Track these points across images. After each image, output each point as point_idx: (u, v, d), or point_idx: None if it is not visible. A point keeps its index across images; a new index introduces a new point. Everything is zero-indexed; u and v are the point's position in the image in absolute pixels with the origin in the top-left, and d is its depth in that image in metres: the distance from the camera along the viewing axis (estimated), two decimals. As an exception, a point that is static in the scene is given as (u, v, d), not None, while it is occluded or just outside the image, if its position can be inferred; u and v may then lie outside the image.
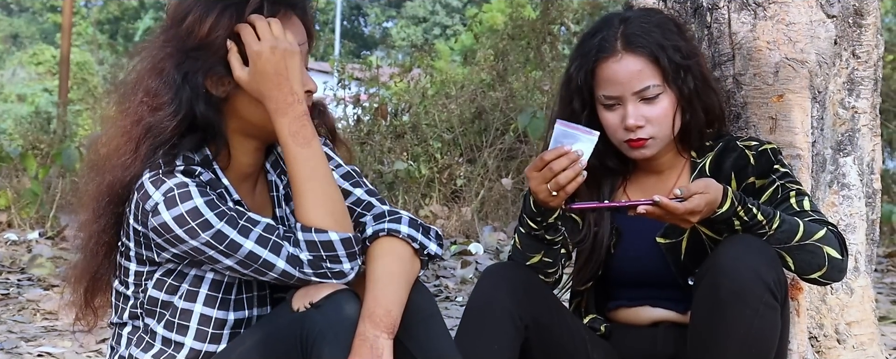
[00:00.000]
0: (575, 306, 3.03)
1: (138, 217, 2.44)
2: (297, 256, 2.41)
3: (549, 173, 2.62)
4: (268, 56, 2.43)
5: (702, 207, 2.60)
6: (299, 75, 2.46)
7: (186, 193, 2.40)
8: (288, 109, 2.44)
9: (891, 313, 5.72)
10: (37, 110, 16.64)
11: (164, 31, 2.52)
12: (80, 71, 25.43)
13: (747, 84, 3.10)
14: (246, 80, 2.45)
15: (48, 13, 37.33)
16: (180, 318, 2.51)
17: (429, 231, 2.59)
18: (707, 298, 2.64)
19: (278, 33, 2.45)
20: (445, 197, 10.00)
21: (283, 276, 2.42)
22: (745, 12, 3.11)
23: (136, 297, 2.55)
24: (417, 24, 38.41)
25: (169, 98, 2.45)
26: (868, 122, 3.31)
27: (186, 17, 2.47)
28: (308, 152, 2.46)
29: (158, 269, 2.52)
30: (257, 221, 2.43)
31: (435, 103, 10.82)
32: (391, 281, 2.48)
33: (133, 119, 2.47)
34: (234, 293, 2.54)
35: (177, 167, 2.45)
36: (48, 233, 8.61)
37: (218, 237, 2.39)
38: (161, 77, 2.46)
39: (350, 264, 2.44)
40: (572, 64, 2.88)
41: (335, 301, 2.40)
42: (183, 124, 2.45)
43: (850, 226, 3.27)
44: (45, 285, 6.42)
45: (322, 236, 2.41)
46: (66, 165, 9.39)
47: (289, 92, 2.44)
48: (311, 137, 2.46)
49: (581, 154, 2.61)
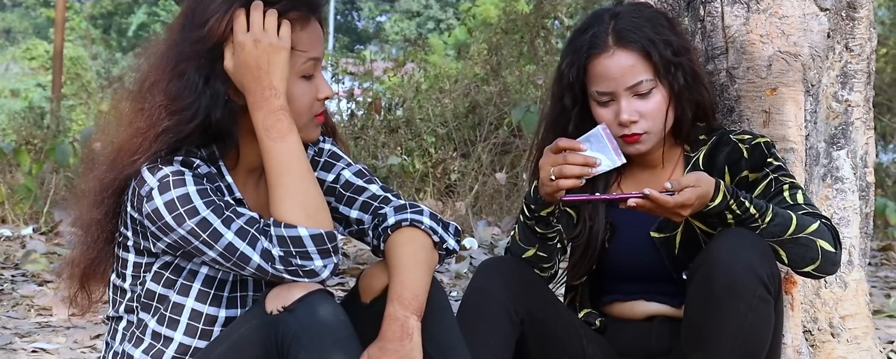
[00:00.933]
0: (570, 301, 3.03)
1: (134, 203, 2.44)
2: (269, 251, 2.39)
3: (562, 160, 2.64)
4: (250, 48, 2.43)
5: (693, 200, 2.60)
6: (282, 71, 2.44)
7: (180, 181, 2.41)
8: (264, 103, 2.43)
9: (885, 307, 5.73)
10: (30, 105, 16.64)
11: (183, 30, 2.50)
12: (74, 66, 25.37)
13: (741, 77, 3.10)
14: (231, 72, 2.46)
15: (41, 8, 37.25)
16: (172, 312, 2.52)
17: (448, 226, 2.60)
18: (701, 292, 2.65)
19: (270, 27, 2.44)
20: (439, 191, 9.99)
21: (259, 271, 2.41)
22: (739, 5, 3.11)
23: (133, 290, 2.55)
24: (411, 19, 38.35)
25: (189, 103, 2.44)
26: (861, 115, 3.31)
27: (209, 19, 2.46)
28: (282, 147, 2.44)
29: (156, 261, 2.52)
30: (242, 213, 2.42)
31: (429, 98, 10.81)
32: (417, 267, 2.49)
33: (150, 121, 2.46)
34: (227, 291, 2.54)
35: (176, 158, 2.45)
36: (42, 228, 8.60)
37: (202, 225, 2.39)
38: (182, 80, 2.45)
39: (322, 262, 2.41)
40: (564, 61, 2.88)
41: (308, 304, 2.38)
42: (199, 129, 2.46)
43: (843, 219, 3.27)
44: (39, 281, 6.41)
45: (291, 231, 2.39)
46: (60, 161, 9.38)
47: (267, 86, 2.43)
48: (287, 131, 2.44)
49: (598, 164, 2.63)
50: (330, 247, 2.41)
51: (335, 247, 2.42)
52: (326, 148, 2.72)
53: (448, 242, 2.57)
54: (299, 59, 2.51)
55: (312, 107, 2.55)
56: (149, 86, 2.50)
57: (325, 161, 2.71)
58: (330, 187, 2.68)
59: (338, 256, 2.44)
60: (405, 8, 38.81)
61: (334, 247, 2.42)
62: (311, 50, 2.52)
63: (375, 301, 2.55)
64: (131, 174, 2.44)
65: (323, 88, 2.56)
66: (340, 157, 2.71)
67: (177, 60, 2.47)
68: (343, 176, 2.69)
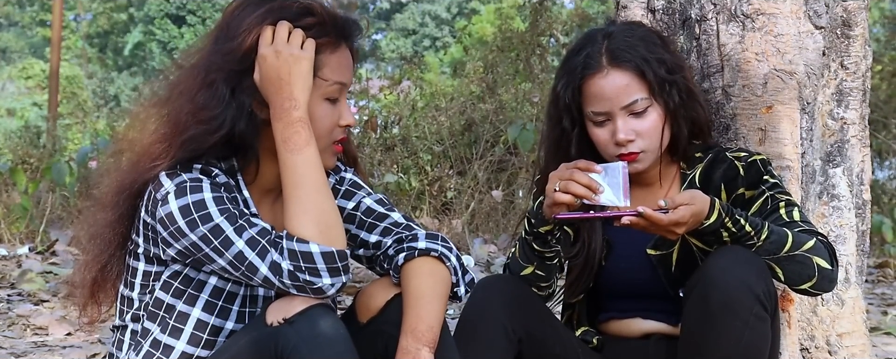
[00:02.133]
0: (567, 319, 3.03)
1: (148, 207, 2.46)
2: (278, 264, 2.39)
3: (569, 175, 2.65)
4: (272, 60, 2.45)
5: (687, 218, 2.60)
6: (303, 82, 2.46)
7: (198, 187, 2.43)
8: (283, 114, 2.44)
9: (882, 324, 5.73)
10: (26, 125, 16.66)
11: (216, 41, 2.53)
12: (70, 85, 25.41)
13: (736, 95, 3.10)
14: (258, 84, 2.47)
15: (38, 27, 37.25)
16: (177, 321, 2.52)
17: (465, 273, 2.62)
18: (697, 309, 2.65)
19: (295, 41, 2.46)
20: (436, 209, 9.99)
21: (265, 283, 2.41)
22: (734, 24, 3.12)
23: (141, 299, 2.55)
24: (407, 37, 38.38)
25: (215, 113, 2.46)
26: (857, 132, 3.32)
27: (240, 33, 2.48)
28: (298, 159, 2.45)
29: (166, 270, 2.53)
30: (255, 223, 2.43)
31: (425, 116, 10.81)
32: (435, 300, 2.51)
33: (176, 128, 2.48)
34: (236, 304, 2.55)
35: (195, 166, 2.47)
36: (38, 248, 8.58)
37: (215, 232, 2.39)
38: (210, 90, 2.47)
39: (331, 280, 2.40)
40: (558, 82, 2.88)
41: (309, 317, 2.38)
42: (222, 140, 2.47)
43: (840, 237, 3.27)
44: (35, 300, 6.40)
45: (303, 246, 2.39)
46: (56, 180, 9.37)
47: (287, 96, 2.44)
48: (304, 144, 2.45)
49: (601, 191, 2.63)
50: (340, 266, 2.41)
51: (345, 266, 2.42)
52: (347, 177, 2.73)
53: (459, 290, 2.60)
54: (325, 82, 2.52)
55: (333, 132, 2.56)
56: (178, 93, 2.52)
57: (346, 189, 2.72)
58: (350, 214, 2.69)
59: (347, 275, 2.43)
60: (401, 26, 38.86)
61: (345, 266, 2.41)
62: (338, 75, 2.54)
63: (372, 321, 2.55)
64: (150, 179, 2.46)
65: (346, 116, 2.57)
66: (361, 186, 2.72)
67: (207, 71, 2.49)
68: (364, 203, 2.69)
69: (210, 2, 34.74)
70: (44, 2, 36.09)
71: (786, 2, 3.11)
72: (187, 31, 34.71)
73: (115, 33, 38.09)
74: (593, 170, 2.67)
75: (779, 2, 3.11)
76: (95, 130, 13.61)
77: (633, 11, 3.23)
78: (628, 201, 2.66)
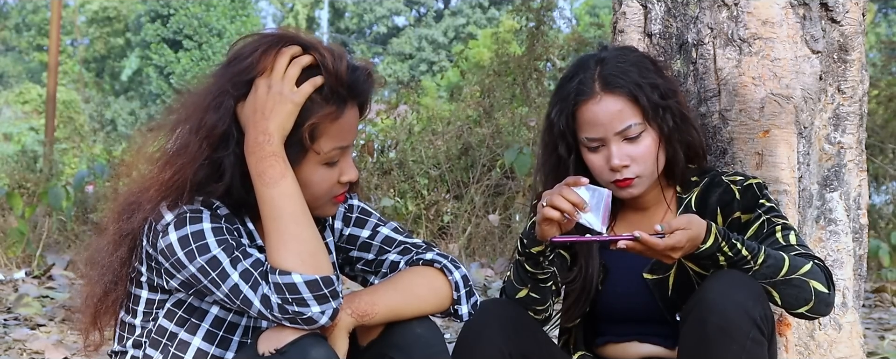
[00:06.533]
0: (564, 343, 3.02)
1: (150, 238, 2.45)
2: (268, 297, 2.37)
3: (557, 191, 2.65)
4: (261, 92, 2.43)
5: (683, 243, 2.60)
6: (281, 121, 2.42)
7: (197, 218, 2.42)
8: (256, 148, 2.42)
9: (879, 349, 5.72)
10: (23, 149, 16.67)
11: (227, 65, 2.51)
12: (67, 109, 25.45)
13: (733, 120, 3.11)
14: (240, 112, 2.46)
15: (35, 52, 37.33)
16: (178, 349, 2.52)
17: (472, 295, 2.62)
18: (694, 333, 2.64)
19: (290, 76, 2.44)
20: (432, 233, 9.99)
21: (260, 316, 2.40)
22: (731, 48, 3.13)
23: (143, 327, 2.55)
24: (404, 61, 38.48)
25: (221, 134, 2.44)
26: (854, 157, 3.32)
27: (248, 56, 2.46)
28: (274, 192, 2.42)
29: (170, 298, 2.52)
30: (250, 254, 2.42)
31: (421, 140, 10.83)
32: (406, 291, 2.53)
33: (185, 153, 2.46)
34: (238, 335, 2.55)
35: (197, 198, 2.46)
36: (35, 272, 8.57)
37: (212, 263, 2.39)
38: (218, 113, 2.45)
39: (320, 307, 2.38)
40: (552, 109, 2.89)
41: (300, 347, 2.38)
42: (225, 165, 2.45)
43: (837, 261, 3.27)
44: (31, 325, 6.38)
45: (286, 278, 2.37)
46: (53, 204, 9.38)
47: (262, 131, 2.41)
48: (280, 177, 2.42)
49: (586, 210, 2.64)
50: (327, 292, 2.38)
51: (333, 292, 2.39)
52: (355, 204, 2.73)
53: (461, 308, 2.61)
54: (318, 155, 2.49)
55: (331, 190, 2.55)
56: (187, 114, 2.50)
57: (358, 217, 2.72)
58: (365, 243, 2.69)
59: (338, 300, 2.40)
60: (398, 50, 38.93)
61: (332, 292, 2.39)
62: (337, 141, 2.51)
63: (372, 344, 2.54)
64: (151, 207, 2.45)
65: (347, 172, 2.55)
66: (371, 213, 2.72)
67: (215, 93, 2.47)
68: (382, 232, 2.70)
69: (207, 27, 34.79)
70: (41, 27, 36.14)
71: (782, 26, 3.12)
72: (184, 56, 34.77)
73: (112, 58, 38.17)
74: (580, 183, 2.66)
75: (775, 26, 3.12)
76: (92, 155, 13.63)
77: (630, 36, 3.24)
78: (605, 228, 2.66)
